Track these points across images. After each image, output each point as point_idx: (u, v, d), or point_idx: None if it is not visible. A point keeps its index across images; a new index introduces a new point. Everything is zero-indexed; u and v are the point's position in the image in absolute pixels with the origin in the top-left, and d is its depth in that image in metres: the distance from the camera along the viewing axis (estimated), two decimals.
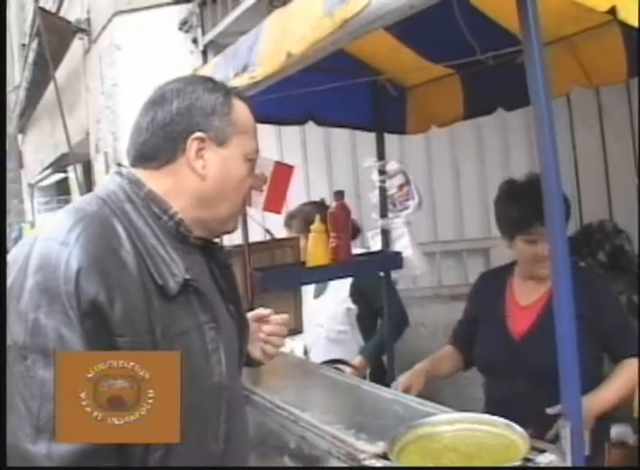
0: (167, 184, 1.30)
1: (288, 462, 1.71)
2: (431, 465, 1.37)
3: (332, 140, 4.34)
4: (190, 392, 1.14)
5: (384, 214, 3.15)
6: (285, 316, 1.68)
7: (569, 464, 1.34)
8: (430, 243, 4.18)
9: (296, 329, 2.82)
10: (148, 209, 1.27)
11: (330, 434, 1.57)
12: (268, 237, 3.01)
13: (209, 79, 1.39)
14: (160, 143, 1.29)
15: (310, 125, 3.02)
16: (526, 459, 1.34)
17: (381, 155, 3.13)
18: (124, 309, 1.14)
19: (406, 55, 2.71)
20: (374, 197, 3.18)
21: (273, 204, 2.89)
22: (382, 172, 3.11)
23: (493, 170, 4.26)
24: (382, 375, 3.10)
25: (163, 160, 1.29)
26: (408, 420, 1.56)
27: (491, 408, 2.10)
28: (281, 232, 3.14)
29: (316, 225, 2.78)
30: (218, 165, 1.30)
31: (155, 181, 1.30)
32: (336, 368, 2.79)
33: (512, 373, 2.10)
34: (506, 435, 1.47)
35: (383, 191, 3.13)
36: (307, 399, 1.94)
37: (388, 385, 2.36)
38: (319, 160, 4.36)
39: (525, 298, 2.22)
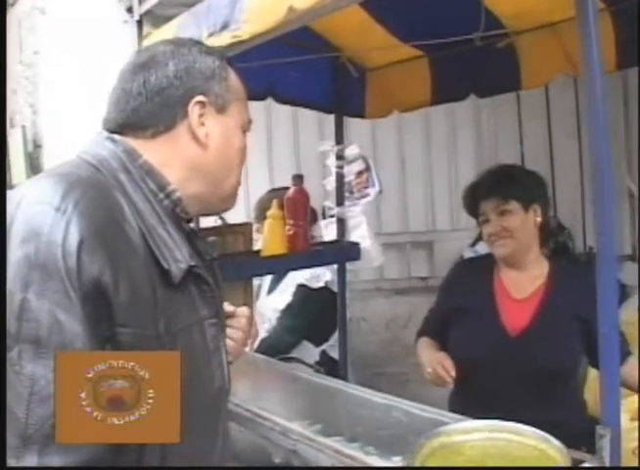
0: (164, 154, 1.13)
1: None
2: None
3: (273, 122, 4.12)
4: (190, 397, 1.00)
5: (340, 202, 2.97)
6: (245, 309, 1.49)
7: None
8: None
9: None
10: (144, 182, 1.09)
11: (331, 448, 1.37)
12: (219, 222, 2.77)
13: (200, 42, 1.26)
14: (156, 109, 1.13)
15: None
16: None
17: (339, 138, 2.96)
18: (130, 295, 0.96)
19: (376, 32, 2.54)
20: (329, 183, 3.00)
21: None
22: (340, 157, 2.94)
23: (440, 162, 4.16)
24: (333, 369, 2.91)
25: (161, 127, 1.13)
26: (416, 429, 1.40)
27: (474, 408, 1.88)
28: (231, 218, 2.88)
29: (273, 211, 2.59)
30: (220, 134, 1.16)
31: (149, 151, 1.12)
32: None
33: (505, 371, 1.95)
34: (532, 444, 1.33)
35: (340, 177, 2.96)
36: (289, 405, 1.73)
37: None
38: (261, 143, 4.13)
39: (518, 291, 2.08)
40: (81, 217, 0.93)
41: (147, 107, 1.12)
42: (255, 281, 2.98)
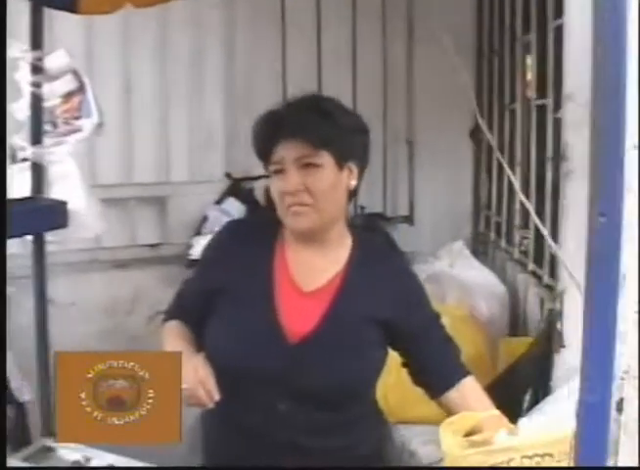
0: None
1: None
2: None
3: None
4: None
5: (37, 140, 2.00)
6: None
7: None
8: None
9: None
10: None
11: None
12: None
13: None
14: None
15: None
16: None
17: (37, 41, 1.96)
18: None
19: None
20: (21, 110, 2.01)
21: None
22: (37, 69, 1.94)
23: (177, 89, 3.23)
24: None
25: None
26: None
27: (230, 429, 1.62)
28: None
29: None
30: None
31: None
32: None
33: (276, 387, 1.54)
34: None
35: (37, 101, 1.99)
36: None
37: None
38: None
39: (307, 280, 1.60)
40: None
41: None
42: None
